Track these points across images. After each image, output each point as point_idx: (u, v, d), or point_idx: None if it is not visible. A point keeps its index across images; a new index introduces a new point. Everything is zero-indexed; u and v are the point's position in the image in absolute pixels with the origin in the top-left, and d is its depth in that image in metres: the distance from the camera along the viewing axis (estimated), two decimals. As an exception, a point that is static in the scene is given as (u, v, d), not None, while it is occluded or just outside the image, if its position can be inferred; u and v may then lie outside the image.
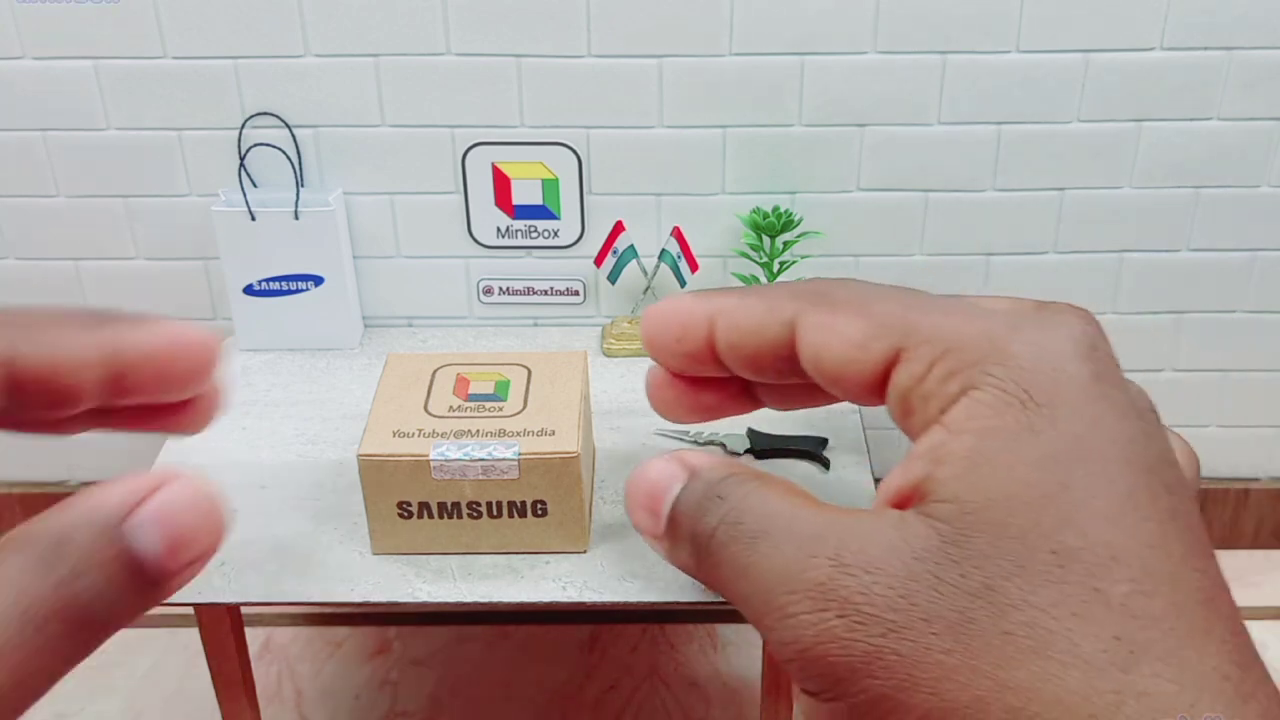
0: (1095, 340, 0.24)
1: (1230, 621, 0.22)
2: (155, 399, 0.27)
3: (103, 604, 0.23)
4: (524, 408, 0.27)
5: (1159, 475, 0.22)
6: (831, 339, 0.25)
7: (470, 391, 0.29)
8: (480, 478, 0.27)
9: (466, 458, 0.28)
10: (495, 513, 0.26)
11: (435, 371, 0.28)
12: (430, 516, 0.24)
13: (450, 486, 0.25)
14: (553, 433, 0.27)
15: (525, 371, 0.28)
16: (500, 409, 0.28)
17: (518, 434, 0.27)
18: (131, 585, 0.24)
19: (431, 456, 0.26)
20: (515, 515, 0.28)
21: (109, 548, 0.23)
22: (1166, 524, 0.22)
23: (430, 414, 0.27)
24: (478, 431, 0.26)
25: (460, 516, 0.26)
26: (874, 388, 0.25)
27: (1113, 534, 0.21)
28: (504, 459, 0.29)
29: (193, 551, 0.25)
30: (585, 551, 0.25)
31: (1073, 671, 0.20)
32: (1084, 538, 0.21)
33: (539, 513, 0.27)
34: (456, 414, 0.28)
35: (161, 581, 0.24)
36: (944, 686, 0.21)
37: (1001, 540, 0.21)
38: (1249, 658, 0.21)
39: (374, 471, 0.24)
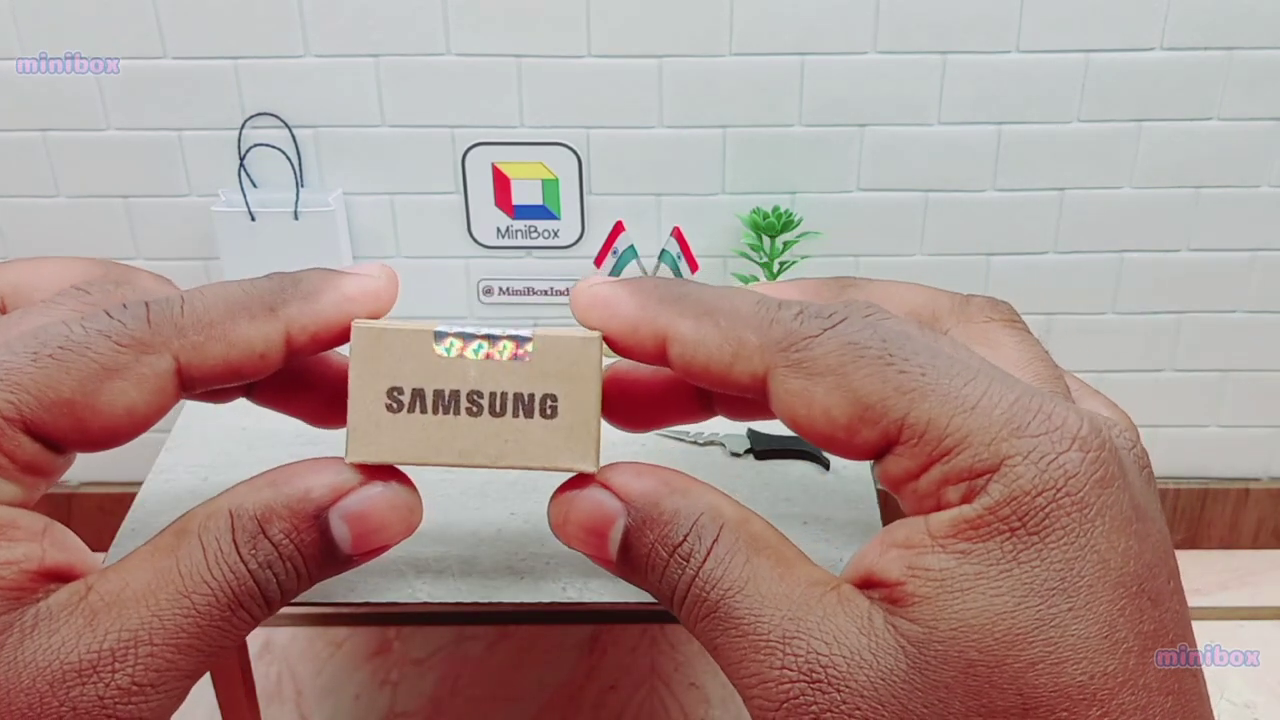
0: (1103, 434, 0.22)
1: None
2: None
3: (290, 584, 0.25)
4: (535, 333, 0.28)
5: (1148, 587, 0.22)
6: (814, 414, 0.24)
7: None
8: (488, 354, 0.27)
9: (475, 329, 0.28)
10: (498, 409, 0.25)
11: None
12: (423, 410, 0.24)
13: (453, 367, 0.25)
14: (571, 330, 0.28)
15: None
16: (516, 329, 0.28)
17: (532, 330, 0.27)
18: (317, 566, 0.25)
19: (437, 326, 0.26)
20: (520, 414, 0.27)
21: (308, 533, 0.25)
22: (1147, 649, 0.21)
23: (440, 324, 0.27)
24: (489, 329, 0.26)
25: (457, 412, 0.25)
26: (859, 457, 0.24)
27: (1088, 672, 0.21)
28: (517, 334, 0.29)
29: (378, 543, 0.26)
30: (594, 471, 0.25)
31: None
32: (1056, 679, 0.21)
33: (547, 412, 0.26)
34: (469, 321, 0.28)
35: (342, 566, 0.26)
36: None
37: (968, 678, 0.21)
38: None
39: (369, 343, 0.23)
